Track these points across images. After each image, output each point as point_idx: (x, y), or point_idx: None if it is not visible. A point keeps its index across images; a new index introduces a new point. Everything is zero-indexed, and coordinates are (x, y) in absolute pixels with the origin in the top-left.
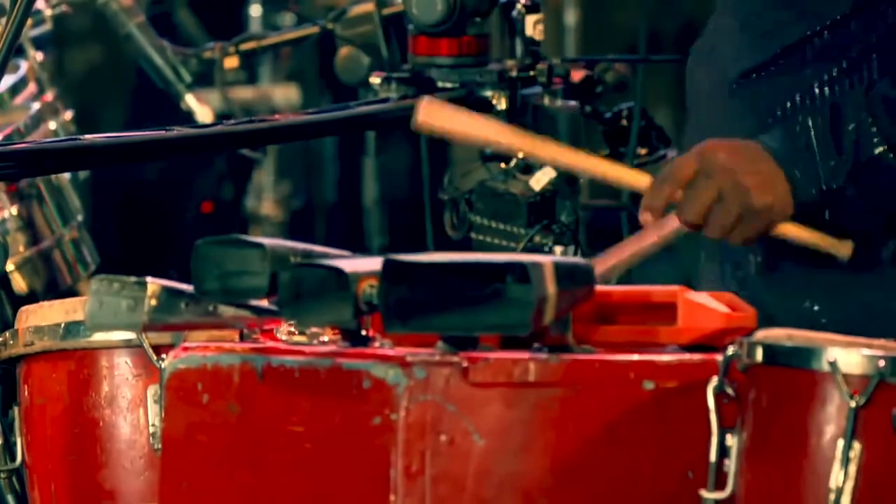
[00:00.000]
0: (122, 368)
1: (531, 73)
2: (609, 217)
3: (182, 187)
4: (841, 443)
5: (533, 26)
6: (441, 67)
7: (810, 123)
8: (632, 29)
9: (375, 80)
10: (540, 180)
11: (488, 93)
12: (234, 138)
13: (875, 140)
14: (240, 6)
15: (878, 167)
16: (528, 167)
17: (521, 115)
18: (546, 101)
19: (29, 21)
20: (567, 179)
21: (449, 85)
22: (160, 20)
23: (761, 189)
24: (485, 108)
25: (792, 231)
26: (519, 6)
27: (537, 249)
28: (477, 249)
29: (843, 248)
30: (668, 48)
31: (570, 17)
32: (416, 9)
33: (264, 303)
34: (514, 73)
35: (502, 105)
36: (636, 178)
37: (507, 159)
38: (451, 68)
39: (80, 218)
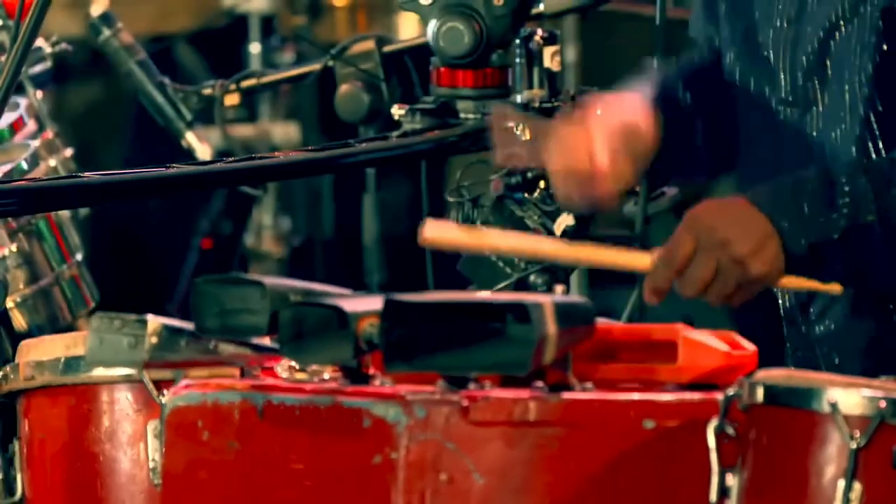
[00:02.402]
0: (122, 403)
1: (554, 103)
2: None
3: (182, 224)
4: (841, 483)
5: (551, 58)
6: (465, 99)
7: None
8: (631, 65)
9: (399, 111)
10: (560, 226)
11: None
12: (233, 175)
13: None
14: (240, 43)
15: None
16: (548, 200)
17: None
18: None
19: (29, 58)
20: (584, 219)
21: (471, 116)
22: (160, 57)
23: (756, 257)
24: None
25: (786, 283)
26: (537, 38)
27: (530, 288)
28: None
29: (834, 288)
30: None
31: (570, 53)
32: (442, 41)
33: (264, 341)
34: (537, 104)
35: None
36: (638, 260)
37: (530, 189)
38: (474, 100)
39: (79, 255)
